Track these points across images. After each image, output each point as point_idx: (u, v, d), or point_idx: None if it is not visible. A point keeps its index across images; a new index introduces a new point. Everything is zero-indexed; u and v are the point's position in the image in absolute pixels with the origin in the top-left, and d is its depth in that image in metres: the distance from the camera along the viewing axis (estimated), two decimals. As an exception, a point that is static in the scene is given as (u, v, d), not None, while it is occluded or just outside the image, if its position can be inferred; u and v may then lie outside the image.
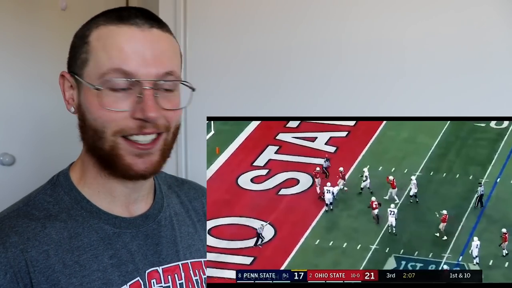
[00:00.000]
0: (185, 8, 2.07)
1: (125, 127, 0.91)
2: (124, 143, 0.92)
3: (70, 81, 0.97)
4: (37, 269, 0.90)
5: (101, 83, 0.90)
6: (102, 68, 0.90)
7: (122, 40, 0.91)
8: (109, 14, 0.94)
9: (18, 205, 0.98)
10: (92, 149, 0.95)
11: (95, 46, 0.92)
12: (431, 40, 1.74)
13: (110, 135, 0.92)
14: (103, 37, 0.92)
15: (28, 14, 2.50)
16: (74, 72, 0.95)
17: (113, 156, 0.93)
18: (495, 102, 1.67)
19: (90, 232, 0.97)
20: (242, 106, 1.96)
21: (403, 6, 1.77)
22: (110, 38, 0.91)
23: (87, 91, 0.93)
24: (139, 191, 1.04)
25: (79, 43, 0.95)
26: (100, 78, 0.91)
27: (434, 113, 1.75)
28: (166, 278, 1.01)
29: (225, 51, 2.01)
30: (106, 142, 0.92)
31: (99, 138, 0.92)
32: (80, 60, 0.94)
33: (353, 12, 1.84)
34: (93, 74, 0.92)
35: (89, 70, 0.92)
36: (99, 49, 0.91)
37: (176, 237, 1.07)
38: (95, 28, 0.93)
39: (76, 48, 0.95)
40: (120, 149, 0.93)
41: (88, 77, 0.92)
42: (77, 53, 0.94)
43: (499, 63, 1.67)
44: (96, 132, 0.93)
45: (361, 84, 1.83)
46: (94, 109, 0.92)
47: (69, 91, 0.98)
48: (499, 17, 1.67)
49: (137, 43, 0.91)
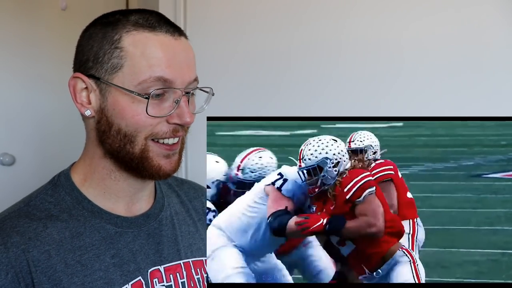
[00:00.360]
0: (185, 8, 2.08)
1: (159, 131, 0.94)
2: (154, 145, 0.95)
3: (87, 83, 0.95)
4: (39, 269, 0.90)
5: (139, 90, 0.91)
6: (142, 76, 0.91)
7: (161, 48, 0.92)
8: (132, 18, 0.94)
9: (19, 205, 0.98)
10: (118, 152, 0.96)
11: (131, 52, 0.92)
12: (430, 40, 1.74)
13: (142, 139, 0.94)
14: (140, 44, 0.92)
15: (28, 14, 2.50)
16: (96, 76, 0.94)
17: (142, 159, 0.95)
18: (494, 101, 1.67)
19: (92, 231, 0.97)
20: (242, 106, 1.97)
21: (402, 6, 1.78)
22: (149, 46, 0.92)
23: (118, 96, 0.93)
24: (144, 191, 1.04)
25: (107, 47, 0.93)
26: (139, 85, 0.91)
27: (433, 112, 1.76)
28: (168, 277, 1.02)
29: (225, 51, 2.01)
30: (137, 145, 0.94)
31: (130, 142, 0.94)
32: (109, 65, 0.93)
33: (352, 12, 1.85)
34: (129, 80, 0.92)
35: (123, 76, 0.92)
36: (136, 56, 0.92)
37: (177, 236, 1.07)
38: (126, 33, 0.93)
39: (101, 51, 0.94)
40: (150, 151, 0.95)
41: (121, 82, 0.92)
42: (104, 57, 0.93)
43: (498, 62, 1.67)
44: (126, 136, 0.94)
45: (360, 84, 1.83)
46: (129, 115, 0.93)
47: (82, 93, 0.96)
48: (498, 16, 1.68)
49: (173, 51, 0.93)
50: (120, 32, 0.93)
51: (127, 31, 0.93)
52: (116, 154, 0.96)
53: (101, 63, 0.93)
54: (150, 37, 0.92)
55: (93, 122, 0.97)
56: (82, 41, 0.97)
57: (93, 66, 0.94)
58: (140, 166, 0.96)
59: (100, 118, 0.96)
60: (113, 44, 0.93)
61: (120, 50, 0.92)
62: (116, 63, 0.92)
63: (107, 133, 0.95)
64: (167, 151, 0.96)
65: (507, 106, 1.65)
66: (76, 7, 2.54)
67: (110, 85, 0.93)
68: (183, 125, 0.95)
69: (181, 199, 1.16)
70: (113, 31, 0.93)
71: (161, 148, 0.95)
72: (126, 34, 0.93)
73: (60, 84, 2.60)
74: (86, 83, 0.95)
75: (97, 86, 0.95)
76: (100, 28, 0.95)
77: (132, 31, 0.93)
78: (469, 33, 1.69)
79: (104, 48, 0.93)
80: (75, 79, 0.96)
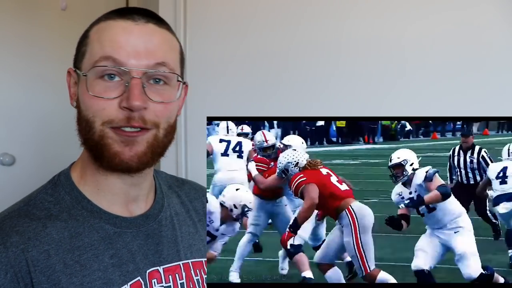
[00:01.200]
0: (185, 8, 2.07)
1: (115, 117, 0.92)
2: (111, 132, 0.93)
3: (74, 76, 0.99)
4: (38, 268, 0.90)
5: (91, 71, 0.93)
6: (95, 57, 0.93)
7: (116, 32, 0.94)
8: (112, 12, 0.98)
9: (19, 205, 0.98)
10: (85, 141, 0.97)
11: (92, 38, 0.96)
12: (431, 40, 1.74)
13: (99, 125, 0.93)
14: (100, 30, 0.96)
15: (28, 14, 2.50)
16: (76, 67, 0.98)
17: (101, 145, 0.93)
18: (495, 101, 1.67)
19: (91, 231, 0.97)
20: (242, 106, 1.96)
21: (403, 6, 1.78)
22: (106, 30, 0.95)
23: (82, 82, 0.95)
24: (139, 189, 1.03)
25: (82, 39, 0.99)
26: (91, 66, 0.93)
27: (433, 112, 1.76)
28: (167, 277, 1.01)
29: (225, 51, 2.01)
30: (96, 132, 0.93)
31: (90, 129, 0.94)
32: (80, 54, 0.97)
33: (352, 12, 1.85)
34: (87, 64, 0.94)
35: (85, 62, 0.96)
36: (94, 40, 0.95)
37: (176, 237, 1.07)
38: (96, 24, 0.98)
39: (79, 44, 0.99)
40: (108, 138, 0.93)
41: (84, 68, 0.95)
42: (79, 48, 0.98)
43: (499, 62, 1.67)
44: (87, 123, 0.94)
45: (361, 84, 1.83)
46: (86, 98, 0.94)
47: (74, 87, 0.99)
48: (499, 17, 1.68)
49: (130, 35, 0.93)
50: (94, 24, 0.98)
51: (97, 22, 0.97)
52: (85, 143, 0.97)
53: (77, 54, 0.98)
54: (111, 23, 0.95)
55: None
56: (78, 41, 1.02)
57: (76, 58, 0.99)
58: (100, 154, 0.94)
59: (77, 107, 0.98)
60: (85, 34, 0.98)
61: (87, 39, 0.97)
62: (83, 51, 0.97)
63: (79, 121, 0.97)
64: (126, 137, 0.92)
65: (508, 106, 1.65)
66: (76, 7, 2.54)
67: (78, 73, 0.96)
68: (131, 109, 0.91)
69: (182, 199, 1.16)
70: (90, 26, 0.99)
71: (118, 135, 0.93)
72: (95, 24, 0.98)
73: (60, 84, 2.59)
74: (74, 77, 0.99)
75: (78, 76, 0.97)
76: (89, 26, 1.00)
77: (101, 22, 0.97)
78: (470, 33, 1.69)
79: (80, 41, 0.99)
80: (68, 74, 1.00)
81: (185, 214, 1.13)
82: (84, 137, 0.96)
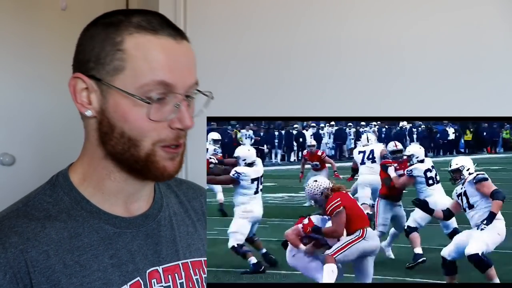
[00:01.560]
0: (185, 8, 2.08)
1: (166, 137, 0.95)
2: (161, 151, 0.96)
3: (87, 83, 0.95)
4: (37, 269, 0.90)
5: (140, 93, 0.91)
6: (143, 79, 0.91)
7: (163, 52, 0.92)
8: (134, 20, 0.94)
9: (18, 206, 0.98)
10: (121, 154, 0.96)
11: (133, 55, 0.92)
12: (430, 39, 1.74)
13: (149, 144, 0.94)
14: (142, 47, 0.92)
15: (28, 14, 2.50)
16: (98, 77, 0.94)
17: (148, 162, 0.95)
18: (495, 102, 1.67)
19: (91, 232, 0.97)
20: (242, 106, 1.96)
21: (402, 6, 1.78)
22: (150, 49, 0.92)
23: (119, 99, 0.93)
24: (143, 190, 1.04)
25: (109, 48, 0.93)
26: (140, 88, 0.91)
27: (433, 113, 1.76)
28: (167, 277, 1.02)
29: (225, 51, 2.01)
30: (143, 150, 0.94)
31: (134, 146, 0.94)
32: (111, 67, 0.93)
33: (352, 12, 1.85)
34: (130, 83, 0.92)
35: (124, 79, 0.92)
36: (139, 59, 0.91)
37: (175, 236, 1.07)
38: (129, 36, 0.92)
39: (103, 53, 0.93)
40: (157, 155, 0.95)
41: (122, 85, 0.92)
42: (106, 59, 0.93)
43: (499, 62, 1.67)
44: (130, 140, 0.94)
45: (361, 84, 1.83)
46: (131, 118, 0.93)
47: (82, 93, 0.96)
48: (498, 16, 1.68)
49: (176, 55, 0.93)
50: (123, 34, 0.93)
51: (130, 33, 0.92)
52: (119, 156, 0.96)
53: (102, 65, 0.93)
54: (152, 40, 0.92)
55: (94, 123, 0.97)
56: (82, 41, 0.97)
57: (94, 67, 0.94)
58: (145, 168, 0.96)
59: (102, 119, 0.95)
60: (115, 46, 0.92)
61: (122, 53, 0.92)
62: (118, 65, 0.92)
63: (109, 134, 0.95)
64: (171, 154, 0.97)
65: (508, 106, 1.65)
66: (76, 7, 2.54)
67: (111, 87, 0.92)
68: (184, 129, 0.95)
69: (180, 199, 1.16)
70: (115, 33, 0.93)
71: (166, 152, 0.96)
72: (129, 36, 0.92)
73: (60, 84, 2.59)
74: (86, 84, 0.95)
75: (98, 87, 0.94)
76: (102, 28, 0.94)
77: (135, 33, 0.92)
78: (469, 34, 1.69)
79: (105, 50, 0.93)
80: (75, 79, 0.95)
81: (183, 214, 1.14)
82: (121, 151, 0.95)
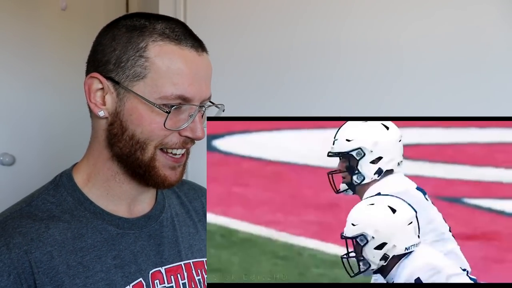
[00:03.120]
0: (185, 8, 2.08)
1: (170, 142, 0.95)
2: (161, 155, 0.96)
3: (104, 84, 0.95)
4: (41, 270, 0.90)
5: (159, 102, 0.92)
6: (164, 91, 0.92)
7: (186, 65, 0.93)
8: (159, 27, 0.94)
9: (21, 205, 0.98)
10: (127, 157, 0.96)
11: (156, 64, 0.92)
12: (430, 40, 1.74)
13: (152, 147, 0.95)
14: (165, 57, 0.92)
15: (28, 14, 2.50)
16: (116, 80, 0.94)
17: (149, 167, 0.96)
18: (494, 102, 1.67)
19: (94, 233, 0.97)
20: (242, 106, 1.97)
21: (402, 6, 1.78)
22: (174, 61, 0.93)
23: (137, 104, 0.93)
24: (147, 194, 1.06)
25: (131, 53, 0.93)
26: (159, 98, 0.92)
27: (433, 113, 1.76)
28: (169, 278, 1.02)
29: (225, 51, 2.01)
30: (147, 153, 0.95)
31: (141, 149, 0.95)
32: (132, 72, 0.93)
33: (352, 12, 1.85)
34: (150, 91, 0.92)
35: (144, 86, 0.93)
36: (162, 70, 0.92)
37: (177, 237, 1.07)
38: (153, 43, 0.93)
39: (124, 56, 0.93)
40: (157, 160, 0.96)
41: (141, 91, 0.93)
42: (127, 63, 0.93)
43: (498, 62, 1.67)
44: (138, 143, 0.95)
45: (361, 84, 1.83)
46: (147, 122, 0.94)
47: (97, 93, 0.96)
48: (498, 16, 1.68)
49: (197, 69, 0.95)
50: (147, 40, 0.93)
51: (154, 40, 0.92)
52: (125, 159, 0.97)
53: (123, 68, 0.93)
54: (175, 50, 0.93)
55: (104, 124, 0.97)
56: (102, 40, 0.96)
57: (113, 69, 0.94)
58: (147, 174, 0.97)
59: (114, 121, 0.96)
60: (138, 51, 0.92)
61: (145, 60, 0.92)
62: (139, 72, 0.92)
63: (119, 136, 0.96)
64: (173, 163, 0.98)
65: (508, 106, 1.65)
66: (76, 7, 2.54)
67: (130, 92, 0.93)
68: (194, 139, 0.97)
69: (181, 200, 1.16)
70: (139, 38, 0.93)
71: (167, 160, 0.97)
72: (153, 43, 0.92)
73: (60, 83, 2.62)
74: (103, 84, 0.95)
75: (115, 89, 0.94)
76: (124, 31, 0.94)
77: (159, 41, 0.92)
78: (469, 33, 1.69)
79: (128, 54, 0.93)
80: (92, 79, 0.96)
81: (185, 214, 1.14)
82: (128, 153, 0.96)
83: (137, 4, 2.61)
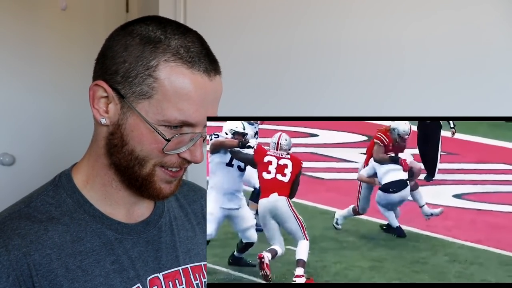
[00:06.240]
0: (185, 8, 2.07)
1: (169, 161, 0.95)
2: (159, 171, 0.96)
3: (109, 94, 0.93)
4: (40, 273, 0.90)
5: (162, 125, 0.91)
6: (168, 115, 0.90)
7: (195, 91, 0.90)
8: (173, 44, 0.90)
9: (20, 206, 0.97)
10: (125, 169, 0.96)
11: (164, 87, 0.89)
12: (431, 40, 1.74)
13: (151, 164, 0.95)
14: (175, 81, 0.89)
15: (28, 14, 2.50)
16: (122, 94, 0.92)
17: (146, 181, 0.96)
18: (495, 101, 1.67)
19: (93, 236, 0.96)
20: (242, 106, 1.96)
21: (403, 6, 1.78)
22: (183, 86, 0.90)
23: (140, 122, 0.91)
24: (145, 200, 1.05)
25: (141, 69, 0.90)
26: (162, 122, 0.91)
27: (434, 112, 1.76)
28: (167, 284, 1.01)
29: (225, 51, 2.00)
30: (145, 169, 0.95)
31: (139, 165, 0.94)
32: (139, 89, 0.90)
33: (352, 12, 1.85)
34: (154, 112, 0.90)
35: (149, 106, 0.90)
36: (169, 93, 0.89)
37: (175, 242, 1.07)
38: (164, 62, 0.89)
39: (133, 71, 0.91)
40: (155, 176, 0.96)
41: (145, 111, 0.91)
42: (135, 79, 0.91)
43: (499, 62, 1.67)
44: (137, 159, 0.94)
45: (361, 84, 1.83)
46: (148, 142, 0.92)
47: (101, 100, 0.94)
48: (499, 16, 1.68)
49: (205, 93, 0.91)
50: (159, 58, 0.89)
51: (166, 60, 0.89)
52: (123, 170, 0.96)
53: (130, 84, 0.91)
54: (187, 75, 0.89)
55: (105, 131, 0.96)
56: (113, 47, 0.93)
57: (121, 82, 0.91)
58: (143, 187, 0.97)
59: (115, 131, 0.94)
60: (148, 69, 0.89)
61: (154, 80, 0.89)
62: (146, 91, 0.90)
63: (118, 148, 0.94)
64: (171, 177, 0.97)
65: (508, 106, 1.65)
66: (76, 7, 2.54)
67: (133, 109, 0.91)
68: (192, 162, 0.96)
69: (180, 202, 1.15)
70: (151, 54, 0.89)
71: (165, 174, 0.96)
72: (164, 63, 0.89)
73: (60, 83, 2.62)
74: (108, 93, 0.93)
75: (120, 102, 0.92)
76: (138, 42, 0.91)
77: (171, 61, 0.89)
78: (470, 33, 1.69)
79: (137, 69, 0.90)
80: (98, 86, 0.93)
81: (183, 218, 1.13)
82: (125, 166, 0.95)
83: (137, 4, 2.61)
